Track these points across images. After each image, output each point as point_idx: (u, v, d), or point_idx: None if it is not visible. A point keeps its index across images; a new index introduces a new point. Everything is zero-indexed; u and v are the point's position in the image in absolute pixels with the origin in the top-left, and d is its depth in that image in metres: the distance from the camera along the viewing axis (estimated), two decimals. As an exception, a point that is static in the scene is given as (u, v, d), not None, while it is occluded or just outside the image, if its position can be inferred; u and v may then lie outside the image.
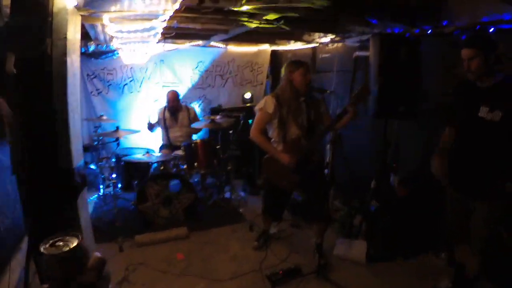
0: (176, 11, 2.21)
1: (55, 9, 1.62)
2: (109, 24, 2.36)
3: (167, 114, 5.57)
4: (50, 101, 1.53)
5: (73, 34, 1.72)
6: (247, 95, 6.91)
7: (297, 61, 3.58)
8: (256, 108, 3.61)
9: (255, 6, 3.12)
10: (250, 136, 3.57)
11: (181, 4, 2.19)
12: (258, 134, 3.54)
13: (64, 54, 1.60)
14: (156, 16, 2.26)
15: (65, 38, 1.60)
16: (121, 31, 2.51)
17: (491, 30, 3.07)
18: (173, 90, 5.72)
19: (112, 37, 3.64)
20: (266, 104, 3.50)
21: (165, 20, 2.28)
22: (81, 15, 2.11)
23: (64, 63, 1.60)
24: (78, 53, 1.87)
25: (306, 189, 3.75)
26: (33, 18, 1.54)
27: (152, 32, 2.62)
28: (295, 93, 3.47)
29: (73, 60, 1.73)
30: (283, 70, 3.59)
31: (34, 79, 1.44)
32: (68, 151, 1.61)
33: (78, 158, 1.74)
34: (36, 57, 1.52)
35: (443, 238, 3.65)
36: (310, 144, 3.47)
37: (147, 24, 2.37)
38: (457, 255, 3.13)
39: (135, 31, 2.53)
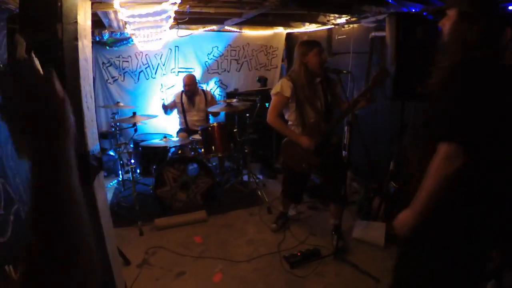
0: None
1: (64, -6, 1.63)
2: (120, 9, 2.37)
3: (184, 98, 5.58)
4: (63, 85, 1.54)
5: (84, 19, 1.73)
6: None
7: (310, 41, 3.54)
8: (272, 92, 3.58)
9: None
10: (268, 121, 3.55)
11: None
12: (275, 119, 3.51)
13: (75, 38, 1.60)
14: (167, -1, 2.25)
15: (76, 22, 1.60)
16: (133, 16, 2.51)
17: (510, 7, 2.96)
18: (190, 74, 5.74)
19: (125, 23, 3.65)
20: (282, 88, 3.46)
21: (175, 2, 2.27)
22: (91, 1, 2.11)
23: (75, 48, 1.61)
24: (89, 38, 1.87)
25: (324, 171, 3.74)
26: (43, 3, 1.54)
27: (164, 15, 2.61)
28: (310, 76, 3.42)
29: (85, 45, 1.73)
30: (295, 52, 3.53)
31: (45, 64, 1.44)
32: (83, 135, 1.62)
33: (93, 141, 1.76)
34: (47, 42, 1.52)
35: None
36: (329, 127, 3.45)
37: (157, 7, 2.37)
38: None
39: (147, 15, 2.53)
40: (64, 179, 0.65)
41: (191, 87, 5.51)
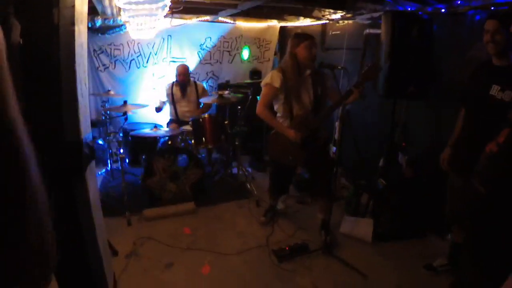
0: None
1: (61, -22, 1.59)
2: (116, -5, 2.33)
3: (175, 89, 5.53)
4: (57, 71, 1.51)
5: (81, 4, 1.69)
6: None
7: (303, 34, 3.54)
8: (262, 83, 3.58)
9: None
10: (257, 112, 3.55)
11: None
12: (264, 110, 3.52)
13: (71, 23, 1.56)
14: (164, -13, 2.22)
15: (73, 7, 1.56)
16: (129, 3, 2.47)
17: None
18: (183, 64, 5.69)
19: (119, 10, 3.60)
20: (272, 78, 3.46)
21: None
22: (89, -15, 2.07)
23: (71, 33, 1.57)
24: (85, 23, 1.83)
25: (311, 165, 3.75)
26: (40, -14, 1.50)
27: (160, 4, 2.58)
28: (298, 67, 3.43)
29: (81, 31, 1.69)
30: (288, 43, 3.53)
31: (40, 49, 1.41)
32: (76, 122, 1.59)
33: (86, 129, 1.73)
34: (43, 27, 1.48)
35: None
36: (317, 120, 3.44)
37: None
38: (454, 235, 3.21)
39: (143, 2, 2.49)
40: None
41: (184, 77, 5.46)
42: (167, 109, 5.74)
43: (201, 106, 5.62)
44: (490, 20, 2.49)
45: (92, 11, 4.51)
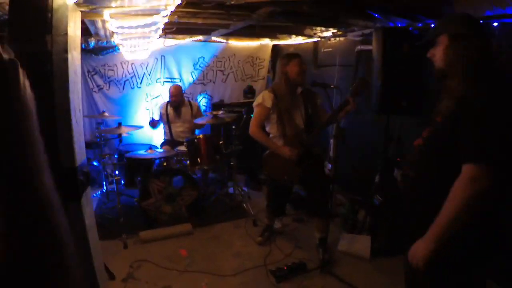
0: (178, 6, 2.18)
1: (55, 5, 1.60)
2: (109, 20, 2.34)
3: (169, 109, 5.53)
4: (51, 98, 1.51)
5: (74, 30, 1.70)
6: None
7: (290, 53, 3.68)
8: (254, 104, 3.65)
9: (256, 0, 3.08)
10: (250, 133, 3.61)
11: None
12: (257, 130, 3.57)
13: (64, 50, 1.57)
14: (157, 11, 2.24)
15: (66, 34, 1.57)
16: (122, 27, 2.49)
17: (495, 24, 3.04)
18: (176, 84, 5.72)
19: (112, 33, 3.61)
20: (263, 99, 3.54)
21: (166, 15, 2.26)
22: (81, 11, 2.09)
23: (65, 60, 1.58)
24: (78, 50, 1.84)
25: (307, 183, 3.76)
26: (33, 14, 1.51)
27: (154, 27, 2.60)
28: (291, 86, 3.51)
29: (74, 57, 1.70)
30: (277, 65, 3.63)
31: (34, 76, 1.41)
32: (71, 150, 1.58)
33: (81, 156, 1.72)
34: (36, 54, 1.49)
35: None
36: (310, 137, 3.49)
37: (148, 20, 2.35)
38: None
39: (136, 27, 2.51)
40: (38, 182, 0.62)
41: (177, 97, 5.47)
42: (161, 129, 5.73)
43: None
44: None
45: (86, 32, 4.53)
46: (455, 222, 1.61)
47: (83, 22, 3.72)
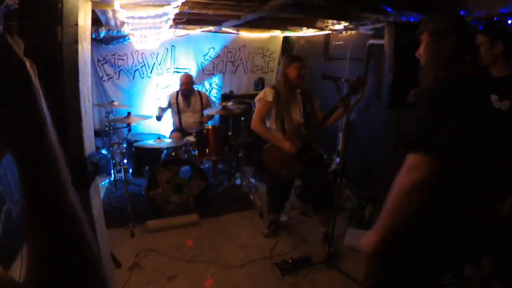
0: (188, -3, 2.17)
1: (65, -4, 1.60)
2: (120, 10, 2.34)
3: (180, 99, 5.53)
4: (61, 89, 1.51)
5: (84, 20, 1.70)
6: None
7: (293, 56, 3.85)
8: (256, 99, 3.78)
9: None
10: (252, 127, 3.74)
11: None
12: (259, 124, 3.69)
13: (75, 41, 1.57)
14: (168, 2, 2.23)
15: (76, 25, 1.57)
16: (132, 17, 2.48)
17: (509, 21, 2.99)
18: (187, 73, 5.71)
19: (123, 23, 3.62)
20: (265, 94, 3.69)
21: (177, 6, 2.25)
22: (92, 1, 2.08)
23: (75, 51, 1.58)
24: (89, 40, 1.84)
25: (306, 177, 3.79)
26: (43, 5, 1.51)
27: (164, 18, 2.59)
28: (289, 86, 3.66)
29: (84, 48, 1.70)
30: (281, 64, 3.81)
31: (44, 67, 1.42)
32: (80, 140, 1.59)
33: (90, 146, 1.73)
34: (46, 45, 1.49)
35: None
36: (309, 132, 3.63)
37: (159, 10, 2.34)
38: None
39: (147, 17, 2.50)
40: (55, 178, 0.62)
41: (188, 85, 5.47)
42: (169, 118, 5.73)
43: (204, 115, 5.64)
44: (478, 35, 2.59)
45: (96, 22, 4.52)
46: (396, 211, 1.61)
47: (93, 12, 3.71)
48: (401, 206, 1.59)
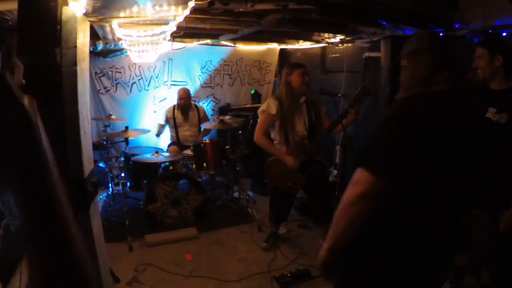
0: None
1: (64, 18, 1.61)
2: (118, 29, 2.36)
3: (177, 113, 5.55)
4: (60, 111, 1.52)
5: (83, 41, 1.71)
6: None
7: (294, 63, 3.78)
8: (259, 110, 3.70)
9: (265, 7, 3.09)
10: (254, 139, 3.66)
11: (190, 9, 2.17)
12: (262, 137, 3.62)
13: (74, 63, 1.58)
14: (166, 21, 2.25)
15: (75, 47, 1.58)
16: (130, 36, 2.50)
17: (504, 34, 3.03)
18: (184, 87, 5.73)
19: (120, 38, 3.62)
20: (268, 106, 3.58)
21: (175, 24, 2.27)
22: (90, 21, 2.10)
23: (74, 73, 1.59)
24: (87, 60, 1.86)
25: (310, 190, 3.77)
26: (42, 27, 1.52)
27: (162, 35, 2.61)
28: (294, 95, 3.55)
29: (83, 69, 1.71)
30: (282, 73, 3.68)
31: (43, 89, 1.43)
32: (79, 162, 1.60)
33: (89, 166, 1.74)
34: (45, 67, 1.50)
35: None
36: (313, 145, 3.54)
37: (156, 30, 2.36)
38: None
39: (145, 36, 2.52)
40: (57, 216, 0.63)
41: (186, 100, 5.49)
42: (167, 132, 5.75)
43: (201, 129, 5.64)
44: (478, 48, 2.63)
45: (94, 35, 4.55)
46: (338, 224, 1.63)
47: (91, 27, 3.74)
48: (342, 218, 1.61)
